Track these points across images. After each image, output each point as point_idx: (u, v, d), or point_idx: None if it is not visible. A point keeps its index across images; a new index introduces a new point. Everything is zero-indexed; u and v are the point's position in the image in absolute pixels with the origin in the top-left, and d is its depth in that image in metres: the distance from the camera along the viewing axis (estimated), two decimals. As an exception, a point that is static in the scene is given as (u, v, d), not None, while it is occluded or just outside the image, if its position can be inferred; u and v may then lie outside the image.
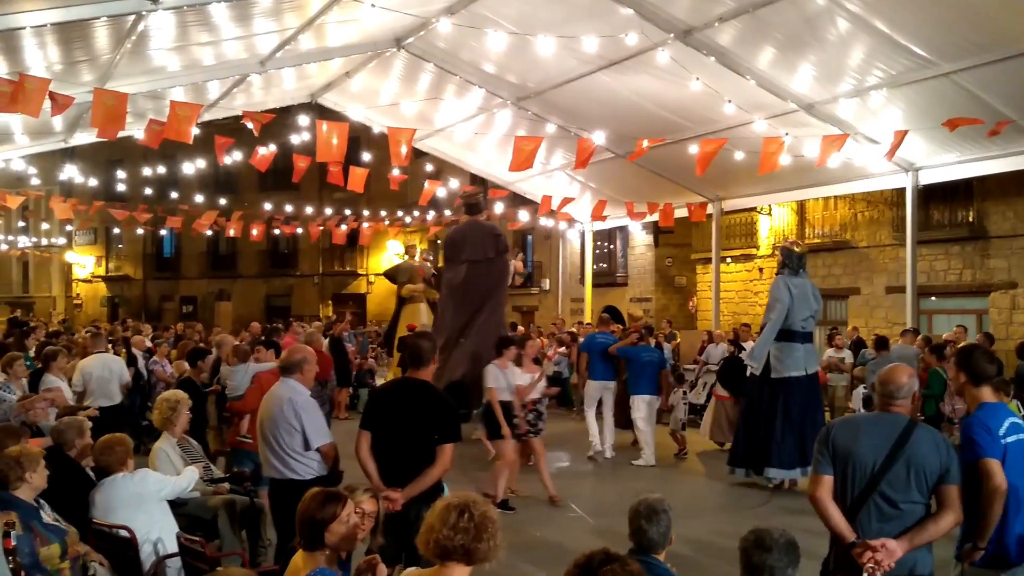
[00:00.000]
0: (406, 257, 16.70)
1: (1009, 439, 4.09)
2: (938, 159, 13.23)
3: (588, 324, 18.71)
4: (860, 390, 13.03)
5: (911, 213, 14.07)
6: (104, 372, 9.73)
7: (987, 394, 4.27)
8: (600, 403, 12.27)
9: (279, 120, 13.80)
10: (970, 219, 17.33)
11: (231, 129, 13.72)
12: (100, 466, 5.57)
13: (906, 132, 10.93)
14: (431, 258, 17.18)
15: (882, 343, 12.76)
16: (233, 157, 14.78)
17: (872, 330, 18.38)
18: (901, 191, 14.45)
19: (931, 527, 3.82)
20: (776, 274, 10.40)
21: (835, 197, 19.31)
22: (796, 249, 10.40)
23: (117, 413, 9.46)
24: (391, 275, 16.10)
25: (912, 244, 14.20)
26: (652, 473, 11.31)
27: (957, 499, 3.84)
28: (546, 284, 28.59)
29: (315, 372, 5.94)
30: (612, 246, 27.39)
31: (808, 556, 4.01)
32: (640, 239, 25.96)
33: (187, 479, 5.83)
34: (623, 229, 24.49)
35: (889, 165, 13.31)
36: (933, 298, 17.87)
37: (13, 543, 4.22)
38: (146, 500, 5.41)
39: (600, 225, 18.84)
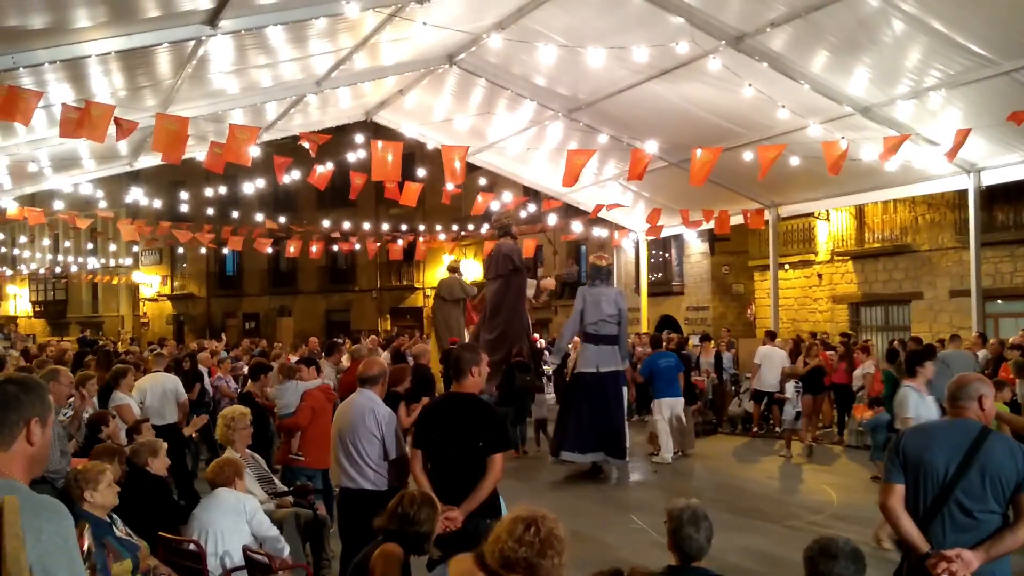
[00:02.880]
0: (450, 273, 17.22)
1: None
2: (1000, 159, 12.94)
3: (645, 334, 18.61)
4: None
5: (974, 215, 13.78)
6: (156, 391, 9.71)
7: None
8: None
9: (335, 139, 14.04)
10: (1036, 220, 16.87)
11: (289, 149, 14.03)
12: (214, 486, 5.77)
13: (968, 131, 10.71)
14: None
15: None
16: (292, 176, 15.06)
17: (936, 335, 17.97)
18: (963, 193, 14.15)
19: (1009, 538, 3.68)
20: (586, 284, 11.61)
21: (894, 200, 18.97)
22: (599, 263, 11.56)
23: (171, 433, 8.89)
24: (437, 292, 16.69)
25: (976, 246, 13.90)
26: (714, 484, 11.21)
27: None
28: (602, 294, 28.50)
29: (387, 385, 6.06)
30: (667, 255, 27.22)
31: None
32: (696, 247, 25.76)
33: (274, 532, 5.88)
34: (678, 237, 24.34)
35: (949, 167, 13.05)
36: (999, 301, 17.40)
37: (87, 542, 4.34)
38: (239, 519, 5.57)
39: (653, 229, 18.71)
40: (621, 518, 9.12)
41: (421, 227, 26.04)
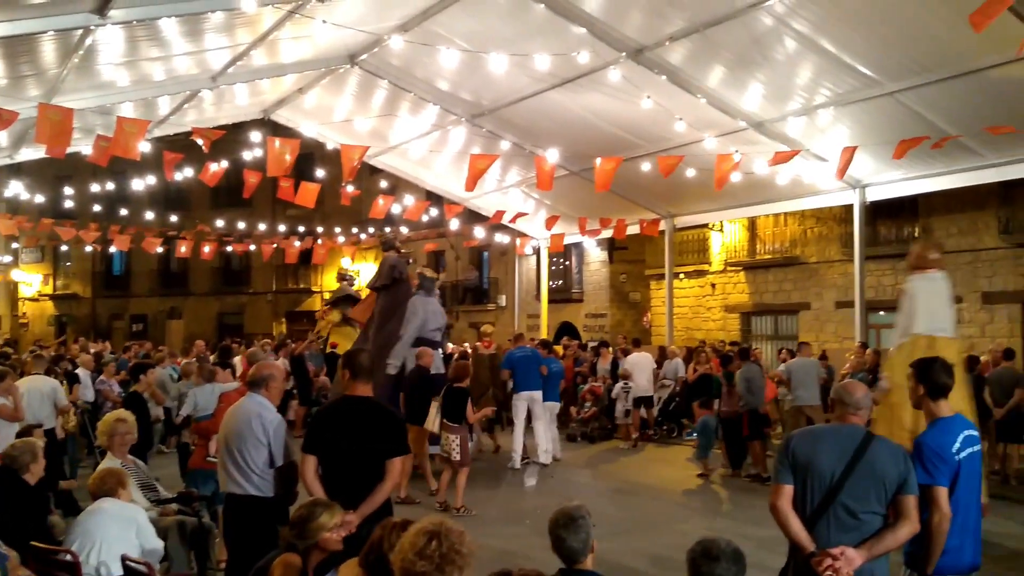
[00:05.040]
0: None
1: (963, 454, 4.17)
2: (884, 176, 13.53)
3: (543, 340, 18.73)
4: None
5: (859, 229, 14.38)
6: (34, 394, 9.37)
7: (944, 408, 4.33)
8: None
9: (231, 136, 13.67)
10: (916, 235, 17.74)
11: (182, 145, 13.55)
12: (95, 497, 5.50)
13: (855, 149, 11.16)
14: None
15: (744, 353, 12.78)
16: (184, 173, 14.60)
17: (822, 344, 18.69)
18: (849, 207, 14.76)
19: (889, 537, 3.87)
20: (414, 294, 12.25)
21: (785, 214, 19.68)
22: (429, 275, 12.36)
23: (48, 438, 8.94)
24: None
25: (860, 260, 14.50)
26: (606, 489, 11.35)
27: (914, 509, 3.90)
28: (503, 300, 28.62)
29: (282, 388, 5.89)
30: (568, 263, 27.53)
31: (760, 569, 4.06)
32: (595, 255, 26.14)
33: (157, 544, 5.64)
34: (578, 246, 24.64)
35: (837, 182, 13.57)
36: (881, 312, 18.21)
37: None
38: (125, 529, 5.32)
39: (555, 241, 18.90)
40: (513, 522, 9.14)
41: (319, 229, 25.60)
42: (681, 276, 22.79)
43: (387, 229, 22.33)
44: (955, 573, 4.15)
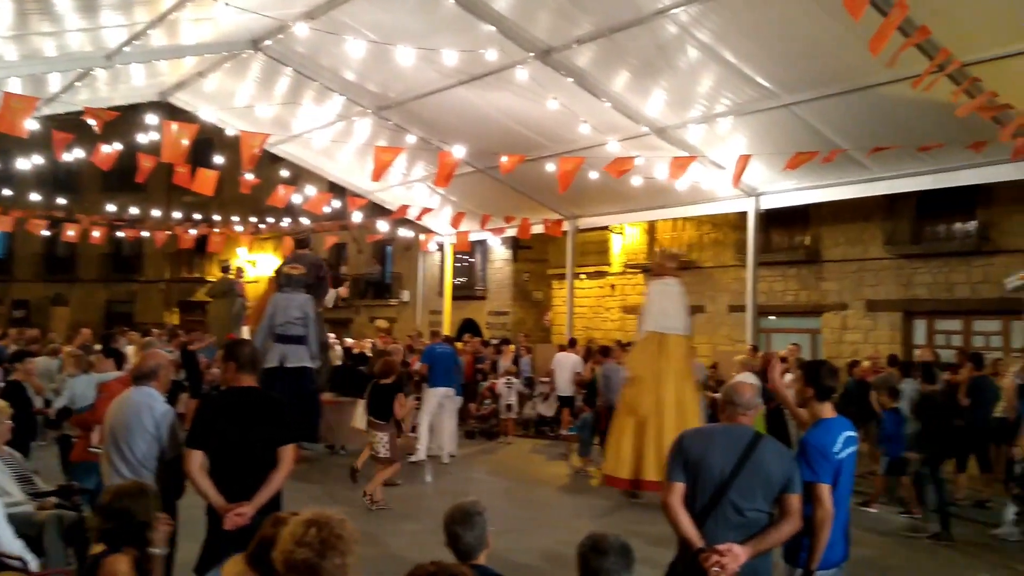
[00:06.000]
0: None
1: (843, 454, 4.37)
2: (778, 185, 14.02)
3: (446, 336, 18.69)
4: None
5: (752, 236, 14.85)
6: None
7: (827, 409, 4.53)
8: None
9: (126, 118, 13.19)
10: (806, 243, 18.40)
11: (73, 124, 12.98)
12: None
13: (749, 157, 11.53)
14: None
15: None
16: (74, 154, 14.00)
17: (715, 346, 19.23)
18: (744, 215, 15.21)
19: (773, 534, 4.01)
20: (276, 291, 12.50)
21: (683, 219, 20.13)
22: (292, 272, 12.40)
23: None
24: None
25: (753, 266, 14.98)
26: (502, 487, 11.41)
27: (798, 507, 4.05)
28: (405, 296, 28.42)
29: (170, 379, 5.73)
30: (472, 260, 27.53)
31: (651, 565, 4.15)
32: (499, 254, 26.23)
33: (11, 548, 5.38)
34: (483, 244, 24.69)
35: (734, 190, 13.98)
36: (772, 317, 18.84)
37: None
38: None
39: (460, 238, 18.89)
40: (410, 518, 9.11)
41: (216, 217, 24.90)
42: (582, 276, 23.07)
43: (287, 220, 21.94)
44: (829, 567, 4.33)
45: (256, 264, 32.22)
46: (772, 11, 9.57)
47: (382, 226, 20.63)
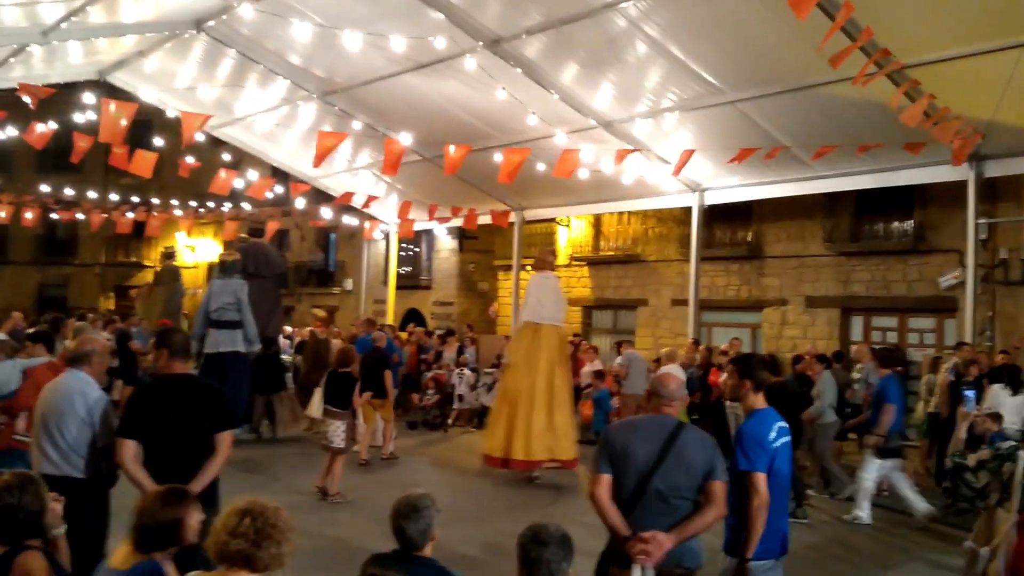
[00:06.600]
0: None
1: (777, 443, 4.46)
2: (722, 181, 14.19)
3: (390, 326, 18.57)
4: None
5: (696, 231, 15.03)
6: None
7: (761, 400, 4.63)
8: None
9: (62, 96, 12.81)
10: (748, 239, 18.67)
11: (5, 102, 12.55)
12: None
13: (692, 152, 11.63)
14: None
15: None
16: (7, 132, 13.57)
17: (658, 339, 19.43)
18: (688, 210, 15.38)
19: (697, 521, 4.08)
20: (216, 277, 12.54)
21: (629, 213, 20.29)
22: (227, 259, 12.64)
23: None
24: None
25: (696, 260, 15.16)
26: (444, 478, 11.39)
27: (721, 495, 4.12)
28: (348, 284, 28.16)
29: (106, 365, 5.57)
30: (417, 249, 27.39)
31: (587, 553, 4.16)
32: (445, 243, 26.14)
33: None
34: (429, 233, 24.57)
35: (679, 185, 14.12)
36: (714, 311, 19.09)
37: None
38: None
39: (406, 227, 18.75)
40: (353, 508, 9.04)
41: (155, 201, 24.34)
42: (528, 268, 23.10)
43: (228, 205, 21.53)
44: (766, 558, 4.39)
45: (195, 249, 31.61)
46: (720, 8, 9.66)
47: (326, 213, 20.39)
